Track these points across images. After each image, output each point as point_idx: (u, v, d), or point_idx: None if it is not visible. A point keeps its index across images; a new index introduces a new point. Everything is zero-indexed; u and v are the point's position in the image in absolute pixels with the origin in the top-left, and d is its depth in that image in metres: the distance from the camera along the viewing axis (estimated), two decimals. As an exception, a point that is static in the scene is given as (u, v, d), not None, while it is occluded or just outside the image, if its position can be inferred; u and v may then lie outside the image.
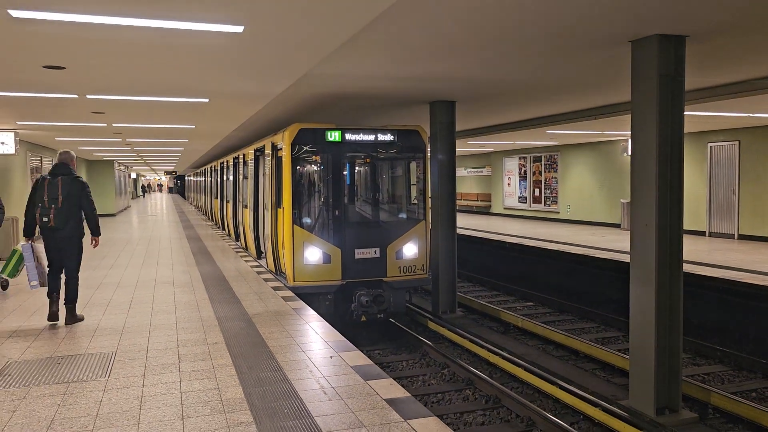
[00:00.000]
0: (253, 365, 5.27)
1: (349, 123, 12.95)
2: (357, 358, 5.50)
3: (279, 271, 10.36)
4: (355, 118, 12.94)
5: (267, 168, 11.20)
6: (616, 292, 11.20)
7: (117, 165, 31.27)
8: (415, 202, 10.80)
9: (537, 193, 22.89)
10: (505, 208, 25.00)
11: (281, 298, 8.32)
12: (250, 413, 4.18)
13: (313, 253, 9.58)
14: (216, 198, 22.40)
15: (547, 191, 22.34)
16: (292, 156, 9.63)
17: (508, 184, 24.75)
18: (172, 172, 57.30)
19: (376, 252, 9.87)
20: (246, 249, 14.28)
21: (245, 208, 14.20)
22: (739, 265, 10.89)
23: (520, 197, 24.00)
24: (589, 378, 8.23)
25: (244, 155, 14.67)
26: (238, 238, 16.14)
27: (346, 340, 6.14)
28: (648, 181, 6.05)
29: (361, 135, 9.90)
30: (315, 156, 9.97)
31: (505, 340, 10.21)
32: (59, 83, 7.44)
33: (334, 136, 9.73)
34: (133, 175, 53.59)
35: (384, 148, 10.23)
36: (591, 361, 8.92)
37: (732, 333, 9.77)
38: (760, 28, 5.67)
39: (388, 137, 10.06)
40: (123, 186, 36.09)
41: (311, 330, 6.53)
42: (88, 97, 8.58)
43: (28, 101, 9.00)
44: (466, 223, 20.72)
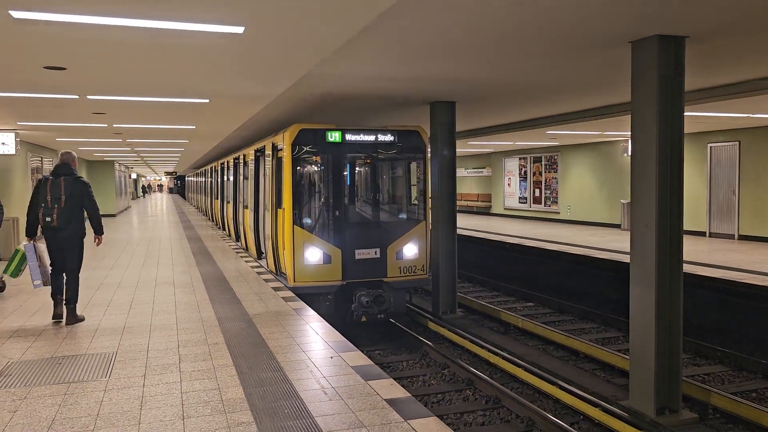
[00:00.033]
0: (254, 365, 5.28)
1: (350, 123, 12.96)
2: (357, 358, 5.51)
3: (279, 272, 10.36)
4: (355, 119, 12.95)
5: (267, 168, 11.21)
6: (617, 292, 11.20)
7: (117, 165, 31.30)
8: (416, 202, 10.81)
9: (537, 193, 22.89)
10: (505, 209, 25.01)
11: (281, 298, 8.32)
12: (251, 413, 4.19)
13: (314, 254, 9.59)
14: (216, 198, 22.41)
15: (548, 192, 22.34)
16: (292, 156, 9.64)
17: (509, 185, 24.76)
18: (173, 172, 57.33)
19: (376, 252, 9.88)
20: (246, 249, 14.29)
21: (245, 208, 14.21)
22: (739, 266, 10.89)
23: (520, 198, 24.00)
24: (589, 378, 8.24)
25: (244, 156, 14.68)
26: (238, 239, 16.15)
27: (346, 340, 6.15)
28: (648, 181, 6.06)
29: (362, 135, 9.91)
30: (315, 156, 9.98)
31: (506, 341, 10.22)
32: (60, 84, 7.45)
33: (334, 137, 9.74)
34: (134, 175, 53.60)
35: (384, 149, 10.23)
36: (591, 361, 8.93)
37: (732, 333, 9.78)
38: (760, 29, 5.68)
39: (389, 138, 10.07)
40: (123, 186, 36.12)
41: (312, 330, 6.54)
42: (88, 97, 8.60)
43: (28, 102, 9.02)
44: (467, 224, 20.73)
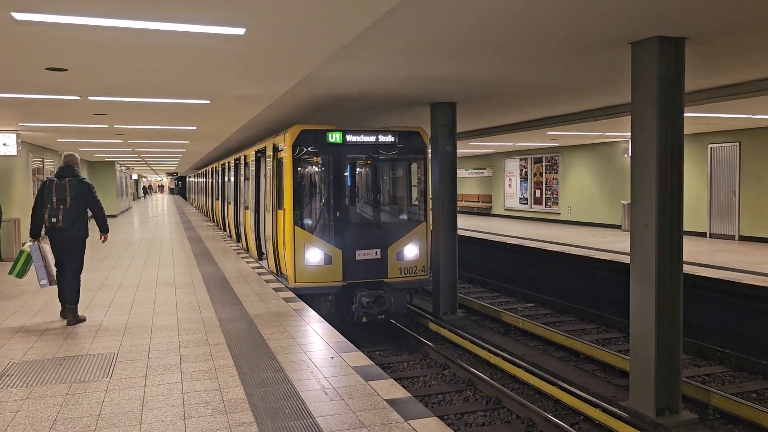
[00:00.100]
0: (255, 366, 5.30)
1: (350, 124, 12.97)
2: (358, 358, 5.52)
3: (280, 273, 10.38)
4: (356, 120, 12.96)
5: (268, 169, 11.22)
6: (617, 293, 11.20)
7: (118, 166, 31.33)
8: (416, 203, 10.82)
9: (538, 194, 22.89)
10: (506, 210, 25.01)
11: (282, 299, 8.34)
12: (252, 414, 4.21)
13: (314, 255, 9.60)
14: (217, 199, 22.43)
15: (548, 192, 22.34)
16: (293, 157, 9.65)
17: (509, 186, 24.76)
18: (174, 173, 57.38)
19: (377, 253, 9.89)
20: (247, 250, 14.30)
21: (246, 209, 14.23)
22: (739, 266, 10.89)
23: (521, 198, 24.00)
24: (589, 379, 8.25)
25: (245, 157, 14.69)
26: (239, 240, 16.16)
27: (347, 341, 6.16)
28: (648, 182, 6.07)
29: (362, 136, 9.92)
30: (316, 157, 9.99)
31: (506, 341, 10.23)
32: (61, 85, 7.48)
33: (335, 138, 9.75)
34: (135, 176, 53.63)
35: (385, 150, 10.24)
36: (591, 362, 8.94)
37: (732, 334, 9.78)
38: (760, 30, 5.69)
39: (389, 138, 10.08)
40: (124, 187, 36.15)
41: (312, 331, 6.55)
42: (90, 98, 8.61)
43: (30, 103, 9.04)
44: (467, 225, 20.73)
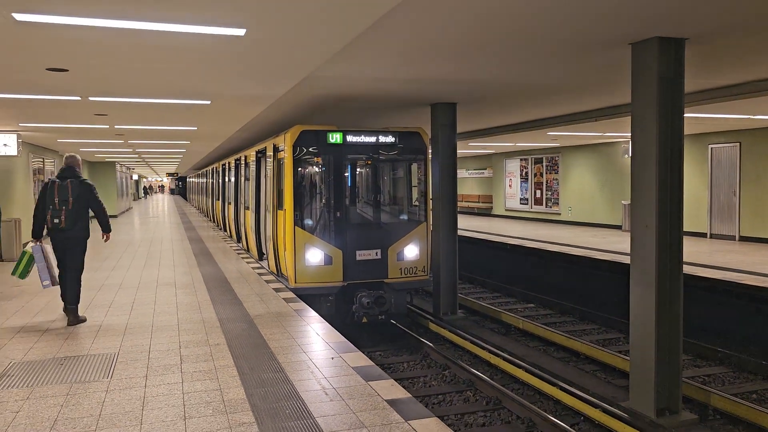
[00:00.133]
0: (255, 366, 5.30)
1: (351, 125, 12.98)
2: (358, 359, 5.53)
3: (280, 273, 10.38)
4: (356, 120, 12.96)
5: (268, 170, 11.23)
6: (617, 293, 11.20)
7: (119, 167, 31.34)
8: (416, 203, 10.82)
9: (538, 194, 22.88)
10: (506, 210, 25.01)
11: (283, 299, 8.34)
12: (252, 414, 4.21)
13: (315, 255, 9.61)
14: (217, 200, 22.44)
15: (549, 193, 22.34)
16: (293, 158, 9.66)
17: (510, 186, 24.76)
18: (174, 173, 57.40)
19: (377, 253, 9.90)
20: (247, 250, 14.31)
21: (247, 209, 14.23)
22: (739, 267, 10.89)
23: (521, 199, 24.00)
24: (589, 379, 8.25)
25: (245, 157, 14.70)
26: (239, 240, 16.17)
27: (347, 341, 6.17)
28: (648, 183, 6.07)
29: (363, 137, 9.93)
30: (316, 158, 10.00)
31: (506, 342, 10.23)
32: (62, 85, 7.48)
33: (335, 138, 9.76)
34: (135, 176, 53.65)
35: (385, 150, 10.25)
36: (592, 362, 8.94)
37: (733, 335, 9.78)
38: (760, 30, 5.69)
39: (390, 139, 10.09)
40: (125, 187, 36.17)
41: (312, 331, 6.56)
42: (90, 99, 8.62)
43: (30, 103, 9.05)
44: (468, 225, 20.74)
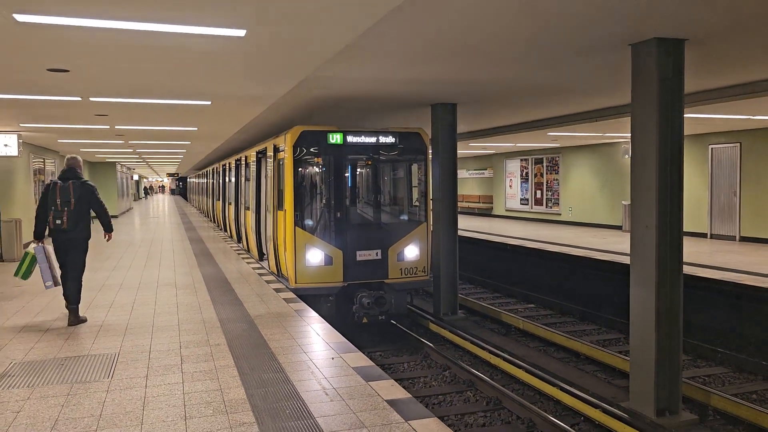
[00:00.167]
0: (255, 366, 5.31)
1: (351, 125, 12.99)
2: (358, 359, 5.53)
3: (281, 273, 10.39)
4: (356, 121, 12.97)
5: (269, 170, 11.24)
6: (617, 293, 11.21)
7: (119, 167, 31.36)
8: (417, 203, 10.83)
9: (539, 194, 22.88)
10: (506, 210, 25.01)
11: (283, 299, 8.35)
12: (252, 414, 4.22)
13: (315, 255, 9.62)
14: (218, 200, 22.45)
15: (549, 193, 22.34)
16: (294, 158, 9.66)
17: (510, 186, 24.76)
18: (174, 174, 57.42)
19: (377, 254, 9.90)
20: (248, 251, 14.31)
21: (247, 210, 14.24)
22: (740, 268, 10.89)
23: (521, 199, 24.00)
24: (589, 380, 8.26)
25: (246, 157, 14.71)
26: (240, 240, 16.18)
27: (347, 341, 6.17)
28: (648, 183, 6.07)
29: (363, 137, 9.93)
30: (317, 158, 10.01)
31: (507, 342, 10.23)
32: (63, 86, 7.50)
33: (335, 139, 9.76)
34: (136, 177, 53.69)
35: (385, 150, 10.26)
36: (592, 362, 8.95)
37: (733, 335, 9.78)
38: (760, 31, 5.70)
39: (390, 139, 10.09)
40: (125, 188, 36.19)
41: (313, 331, 6.57)
42: (91, 99, 8.64)
43: (31, 103, 9.06)
44: (468, 225, 20.74)
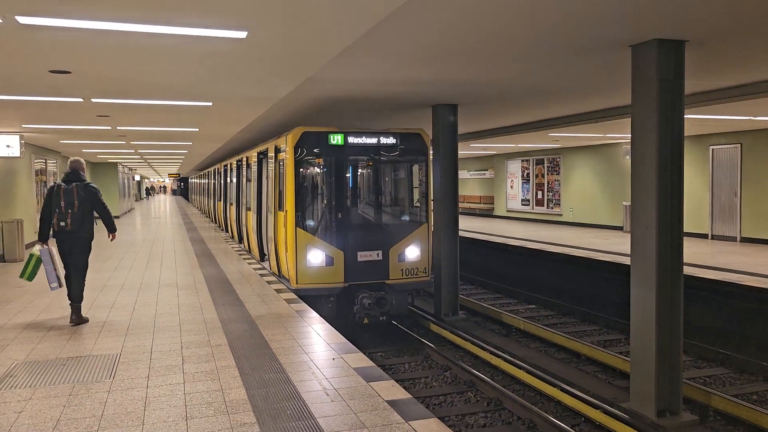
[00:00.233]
0: (256, 367, 5.32)
1: (352, 126, 13.00)
2: (359, 360, 5.55)
3: (282, 274, 10.40)
4: (357, 122, 12.99)
5: (270, 171, 11.26)
6: (618, 294, 11.21)
7: (121, 167, 31.39)
8: (418, 204, 10.84)
9: (540, 195, 22.88)
10: (507, 211, 25.00)
11: (284, 300, 8.36)
12: (254, 414, 4.23)
13: (316, 256, 9.63)
14: (219, 200, 22.47)
15: (550, 194, 22.34)
16: (295, 159, 9.68)
17: (511, 187, 24.76)
18: (176, 174, 57.46)
19: (378, 254, 9.91)
20: (249, 251, 14.33)
21: (248, 210, 14.26)
22: (740, 268, 10.89)
23: (522, 200, 24.00)
24: (590, 380, 8.26)
25: (247, 158, 14.73)
26: (241, 241, 16.20)
27: (348, 342, 6.19)
28: (648, 184, 6.08)
29: (364, 138, 9.94)
30: (318, 159, 10.02)
31: (507, 343, 10.24)
32: (65, 87, 7.52)
33: (336, 140, 9.78)
34: (137, 177, 53.76)
35: (386, 151, 10.27)
36: (592, 363, 8.95)
37: (733, 336, 9.77)
38: (760, 32, 5.70)
39: (391, 140, 10.11)
40: (127, 188, 36.23)
41: (314, 332, 6.58)
42: (93, 100, 8.66)
43: (33, 105, 9.08)
44: (469, 226, 20.74)
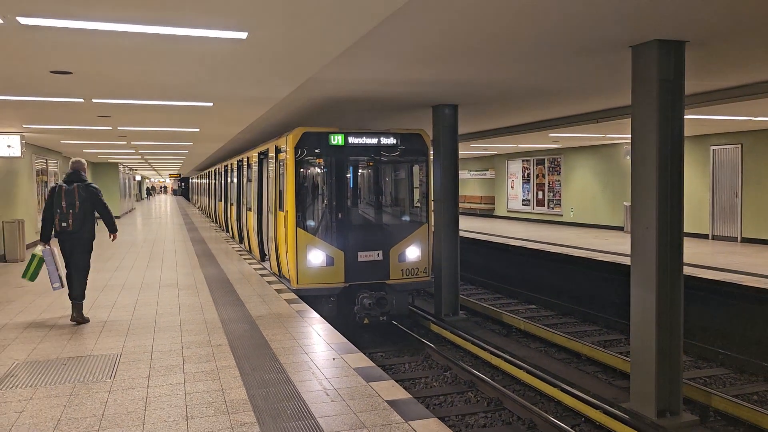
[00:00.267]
0: (257, 367, 5.33)
1: (353, 126, 13.01)
2: (359, 360, 5.55)
3: (282, 274, 10.41)
4: (358, 122, 12.99)
5: (271, 171, 11.27)
6: (618, 294, 11.21)
7: (122, 168, 31.41)
8: (418, 204, 10.85)
9: (540, 195, 22.88)
10: (508, 211, 25.00)
11: (284, 300, 8.37)
12: (254, 414, 4.24)
13: (317, 256, 9.64)
14: (220, 201, 22.48)
15: (551, 194, 22.34)
16: (295, 159, 9.69)
17: (512, 187, 24.76)
18: (177, 174, 57.51)
19: (379, 255, 9.92)
20: (250, 251, 14.34)
21: (249, 210, 14.27)
22: (741, 268, 10.89)
23: (523, 200, 24.00)
24: (590, 380, 8.27)
25: (247, 158, 14.74)
26: (241, 241, 16.21)
27: (348, 342, 6.20)
28: (648, 185, 6.09)
29: (364, 138, 9.95)
30: (318, 159, 10.03)
31: (508, 343, 10.25)
32: (66, 88, 7.53)
33: (337, 140, 9.79)
34: (138, 177, 53.79)
35: (387, 152, 10.28)
36: (593, 363, 8.96)
37: (734, 336, 9.77)
38: (760, 32, 5.70)
39: (391, 141, 10.11)
40: (127, 188, 36.25)
41: (314, 332, 6.59)
42: (94, 101, 8.67)
43: (34, 105, 9.09)
44: (469, 226, 20.74)
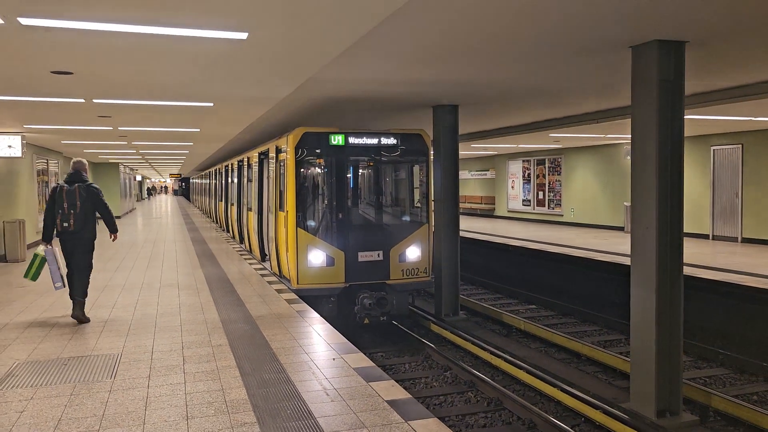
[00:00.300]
0: (257, 367, 5.34)
1: (353, 127, 13.01)
2: (359, 360, 5.56)
3: (282, 274, 10.42)
4: (358, 122, 13.00)
5: (271, 171, 11.27)
6: (618, 294, 11.21)
7: (122, 168, 31.43)
8: (419, 205, 10.86)
9: (541, 196, 22.89)
10: (509, 211, 25.01)
11: (285, 300, 8.38)
12: (254, 414, 4.25)
13: (317, 256, 9.64)
14: (220, 201, 22.50)
15: (551, 194, 22.34)
16: (296, 159, 9.70)
17: (512, 187, 24.76)
18: (177, 174, 57.56)
19: (379, 255, 9.92)
20: (250, 252, 14.35)
21: (249, 211, 14.28)
22: (741, 269, 10.89)
23: (524, 200, 24.01)
24: (590, 380, 8.27)
25: (248, 158, 14.75)
26: (242, 241, 16.22)
27: (348, 342, 6.20)
28: (648, 185, 6.10)
29: (365, 139, 9.96)
30: (319, 159, 10.04)
31: (508, 343, 10.25)
32: (66, 88, 7.54)
33: (337, 140, 9.79)
34: (139, 177, 53.82)
35: (387, 152, 10.28)
36: (593, 363, 8.96)
37: (734, 336, 9.78)
38: (760, 32, 5.70)
39: (391, 141, 10.12)
40: (128, 188, 36.27)
41: (314, 332, 6.60)
42: (94, 101, 8.68)
43: (35, 105, 9.10)
44: (470, 226, 20.75)
